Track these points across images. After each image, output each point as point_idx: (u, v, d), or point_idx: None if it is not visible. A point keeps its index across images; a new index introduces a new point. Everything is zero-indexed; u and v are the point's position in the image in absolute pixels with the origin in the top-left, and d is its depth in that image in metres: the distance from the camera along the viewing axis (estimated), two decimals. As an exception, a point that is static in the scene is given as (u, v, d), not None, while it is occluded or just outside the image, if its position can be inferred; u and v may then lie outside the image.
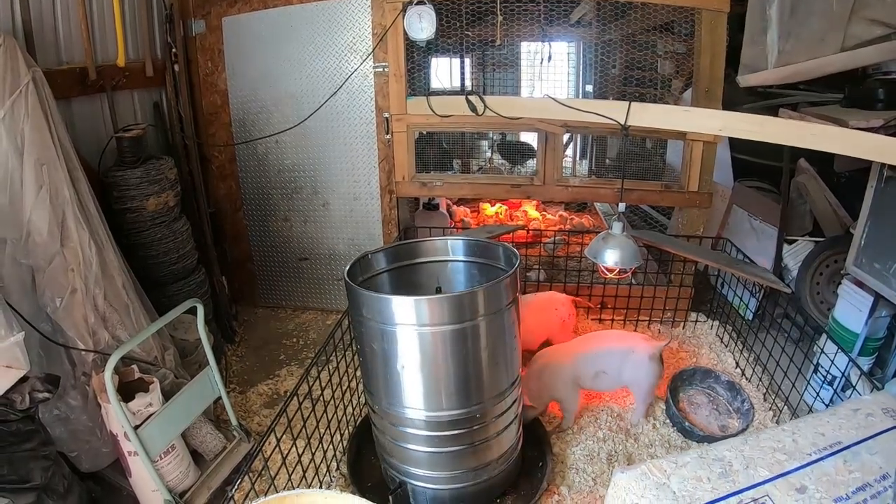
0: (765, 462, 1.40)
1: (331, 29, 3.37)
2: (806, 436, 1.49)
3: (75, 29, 2.79)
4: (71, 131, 2.49)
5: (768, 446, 1.46)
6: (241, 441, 2.56)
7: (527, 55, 5.31)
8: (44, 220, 2.20)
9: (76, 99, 2.83)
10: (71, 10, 2.76)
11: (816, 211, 3.55)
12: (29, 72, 2.21)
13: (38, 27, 2.59)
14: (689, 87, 3.35)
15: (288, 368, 3.33)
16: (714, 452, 1.44)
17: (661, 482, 1.36)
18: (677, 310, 3.55)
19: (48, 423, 2.09)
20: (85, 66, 2.81)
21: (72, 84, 2.76)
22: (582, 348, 2.70)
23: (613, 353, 2.64)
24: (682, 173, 3.34)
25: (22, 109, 2.17)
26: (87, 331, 2.29)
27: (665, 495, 1.33)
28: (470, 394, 2.01)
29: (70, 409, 2.27)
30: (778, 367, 2.77)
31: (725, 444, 1.48)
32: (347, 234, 3.86)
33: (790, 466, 1.38)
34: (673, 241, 3.25)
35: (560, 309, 3.09)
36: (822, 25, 2.56)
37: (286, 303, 4.16)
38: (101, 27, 2.96)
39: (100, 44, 2.96)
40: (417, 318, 1.86)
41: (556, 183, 3.48)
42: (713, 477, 1.36)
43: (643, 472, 1.40)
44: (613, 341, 2.72)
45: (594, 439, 2.59)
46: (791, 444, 1.46)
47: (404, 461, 2.15)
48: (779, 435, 1.50)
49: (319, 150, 3.68)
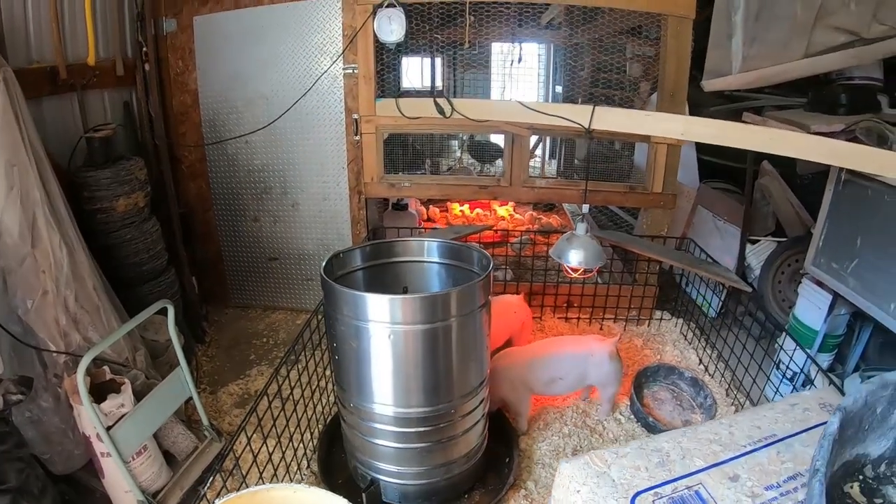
0: (701, 453, 1.48)
1: (301, 30, 3.39)
2: (742, 429, 1.57)
3: (46, 27, 2.76)
4: (41, 131, 2.47)
5: (705, 438, 1.53)
6: (212, 441, 2.58)
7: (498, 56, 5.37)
8: (14, 221, 2.19)
9: (46, 98, 2.81)
10: (42, 8, 2.74)
11: (779, 212, 3.66)
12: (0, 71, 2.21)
13: (8, 26, 2.57)
14: (657, 89, 3.43)
15: (258, 368, 3.35)
16: (653, 444, 1.51)
17: (601, 471, 1.44)
18: (642, 308, 3.63)
19: (20, 426, 2.09)
20: (55, 64, 2.79)
21: (42, 83, 2.75)
22: (535, 354, 2.68)
23: (570, 358, 2.65)
24: (647, 175, 3.42)
25: (-9, 109, 2.16)
26: (59, 332, 2.29)
27: (605, 483, 1.40)
28: (440, 392, 2.06)
29: (42, 412, 2.27)
30: (739, 363, 2.86)
31: (665, 436, 1.55)
32: (317, 234, 3.89)
33: (725, 457, 1.46)
34: (638, 241, 3.33)
35: (518, 311, 3.12)
36: (786, 32, 2.63)
37: (256, 303, 4.16)
38: (71, 25, 2.94)
39: (70, 42, 2.94)
40: (391, 316, 1.90)
41: (523, 184, 3.54)
42: (651, 466, 1.43)
43: (586, 461, 1.47)
44: (568, 346, 2.72)
45: (559, 435, 2.65)
46: (727, 436, 1.54)
47: (374, 457, 2.19)
48: (716, 428, 1.58)
49: (289, 151, 3.70)
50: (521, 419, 2.67)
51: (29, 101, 2.38)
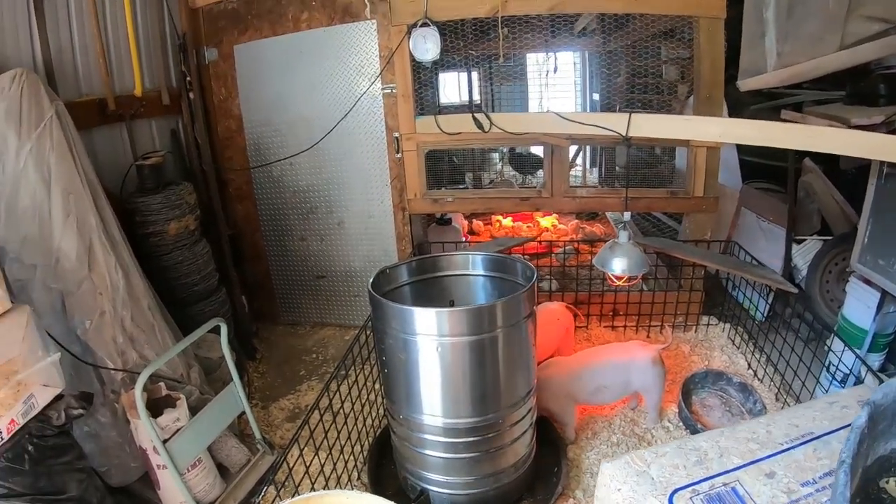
0: (738, 451, 1.48)
1: (339, 53, 3.47)
2: (780, 427, 1.56)
3: (93, 62, 2.92)
4: (93, 160, 2.61)
5: (743, 437, 1.52)
6: (264, 454, 2.64)
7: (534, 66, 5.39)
8: (72, 246, 2.31)
9: (97, 129, 2.96)
10: (88, 44, 2.90)
11: (824, 209, 3.58)
12: (52, 105, 2.33)
13: (57, 62, 2.72)
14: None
15: (308, 383, 3.41)
16: (692, 443, 1.51)
17: (641, 470, 1.45)
18: (689, 314, 3.58)
19: (80, 439, 2.18)
20: (104, 96, 2.94)
21: (92, 114, 2.89)
22: (579, 364, 2.68)
23: (614, 366, 2.64)
24: (687, 179, 3.39)
25: (47, 142, 2.29)
26: (116, 351, 2.39)
27: (644, 481, 1.41)
28: (487, 402, 2.08)
29: (100, 426, 2.37)
30: (788, 367, 2.80)
31: (703, 436, 1.55)
32: (363, 251, 3.95)
33: (762, 454, 1.45)
34: (681, 247, 3.29)
35: (562, 318, 3.12)
36: (819, 25, 2.58)
37: (305, 320, 4.24)
38: (117, 59, 3.10)
39: (117, 75, 3.09)
40: (438, 328, 1.94)
41: (564, 194, 3.55)
42: (689, 465, 1.43)
43: (626, 461, 1.49)
44: (612, 354, 2.70)
45: (608, 444, 2.64)
46: (765, 434, 1.53)
47: (423, 468, 2.22)
48: (754, 426, 1.57)
49: (333, 171, 3.78)
50: (567, 429, 2.66)
51: (80, 132, 2.52)
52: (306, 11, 3.44)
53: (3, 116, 2.19)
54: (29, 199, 2.24)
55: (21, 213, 2.24)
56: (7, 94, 2.20)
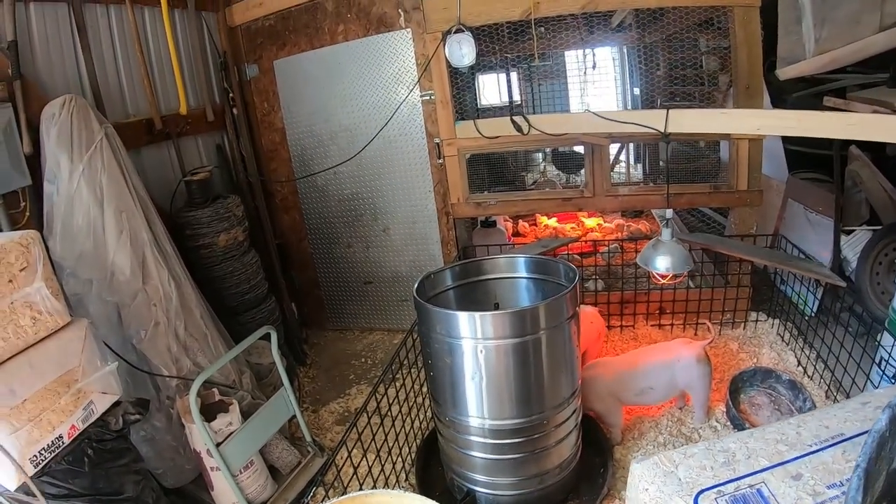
0: (766, 452, 1.46)
1: (376, 63, 3.53)
2: (810, 428, 1.53)
3: (138, 84, 3.05)
4: (143, 177, 2.73)
5: (772, 438, 1.50)
6: (314, 456, 2.72)
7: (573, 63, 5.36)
8: (126, 261, 2.43)
9: (145, 148, 3.10)
10: (133, 67, 3.04)
11: (872, 198, 3.45)
12: (101, 128, 2.45)
13: (104, 85, 2.85)
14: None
15: (358, 387, 3.48)
16: (720, 445, 1.51)
17: (669, 470, 1.45)
18: (736, 310, 3.51)
19: (137, 443, 2.28)
20: (150, 117, 3.07)
21: (140, 134, 3.02)
22: (624, 366, 2.66)
23: (659, 367, 2.62)
24: (730, 173, 3.34)
25: (98, 163, 2.41)
26: (171, 359, 2.51)
27: (671, 481, 1.42)
28: (531, 403, 2.10)
29: (155, 430, 2.48)
30: (838, 363, 2.72)
31: (732, 437, 1.54)
32: (409, 256, 4.00)
33: (789, 456, 1.43)
34: (726, 242, 3.24)
35: (594, 322, 3.12)
36: (856, 7, 2.52)
37: (354, 325, 4.32)
38: (161, 80, 3.22)
39: (162, 95, 3.22)
40: (482, 332, 1.98)
41: (606, 193, 3.53)
42: (716, 466, 1.43)
43: (655, 462, 1.49)
44: (656, 355, 2.68)
45: (654, 444, 2.62)
46: (794, 436, 1.50)
47: (469, 469, 2.25)
48: (784, 428, 1.54)
49: (376, 179, 3.84)
50: (614, 430, 2.65)
51: (130, 152, 2.65)
52: (342, 24, 3.51)
53: (56, 141, 2.31)
54: (83, 217, 2.36)
55: (76, 232, 2.36)
56: (58, 120, 2.32)
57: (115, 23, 2.95)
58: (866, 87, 3.02)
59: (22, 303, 1.68)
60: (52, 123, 2.33)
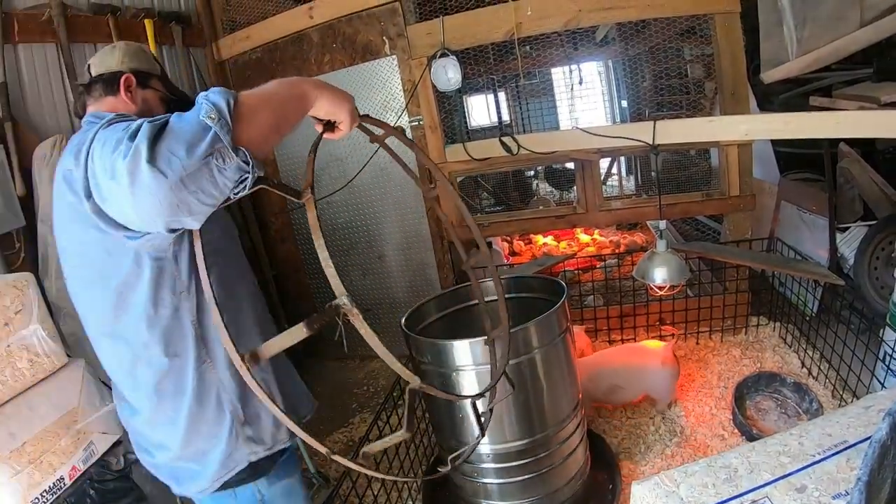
0: (768, 466, 1.44)
1: (364, 91, 3.57)
2: (813, 438, 1.50)
3: (130, 121, 3.05)
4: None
5: (774, 451, 1.48)
6: (320, 487, 2.69)
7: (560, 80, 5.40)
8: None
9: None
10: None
11: (864, 194, 3.46)
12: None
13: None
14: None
15: (360, 416, 3.46)
16: (722, 460, 1.48)
17: (670, 490, 1.43)
18: (737, 316, 3.49)
19: (139, 482, 2.27)
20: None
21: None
22: (595, 366, 2.76)
23: (629, 368, 2.74)
24: (721, 179, 3.35)
25: (92, 203, 2.41)
26: (170, 396, 2.48)
27: (673, 501, 1.40)
28: (533, 423, 2.09)
29: (157, 467, 2.46)
30: (842, 361, 2.72)
31: (734, 452, 1.51)
32: (405, 282, 4.00)
33: (792, 468, 1.41)
34: (722, 249, 3.25)
35: (578, 341, 3.12)
36: (836, 4, 2.54)
37: (354, 353, 4.29)
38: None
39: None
40: (474, 358, 1.96)
41: (599, 208, 3.54)
42: (718, 483, 1.41)
43: (656, 482, 1.47)
44: (626, 356, 2.82)
45: (662, 457, 2.60)
46: (797, 446, 1.48)
47: (477, 494, 2.23)
48: (786, 439, 1.52)
49: (369, 206, 3.86)
50: None
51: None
52: (328, 54, 3.55)
53: (48, 181, 2.32)
54: (78, 255, 2.36)
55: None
56: (50, 160, 2.34)
57: (104, 62, 2.97)
58: (852, 84, 3.04)
59: (19, 345, 1.68)
60: (43, 164, 2.35)
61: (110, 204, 1.11)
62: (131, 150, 0.99)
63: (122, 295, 1.30)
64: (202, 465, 1.46)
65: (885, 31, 2.54)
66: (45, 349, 1.76)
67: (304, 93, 1.31)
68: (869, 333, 2.73)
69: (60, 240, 1.39)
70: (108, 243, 1.23)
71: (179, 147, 1.00)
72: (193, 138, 1.01)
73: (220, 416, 1.44)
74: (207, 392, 1.42)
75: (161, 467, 1.54)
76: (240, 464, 1.47)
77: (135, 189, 1.00)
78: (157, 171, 0.98)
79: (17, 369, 1.67)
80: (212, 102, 1.04)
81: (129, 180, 1.00)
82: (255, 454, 1.49)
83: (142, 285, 1.29)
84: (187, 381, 1.39)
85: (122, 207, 1.09)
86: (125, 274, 1.28)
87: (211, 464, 1.45)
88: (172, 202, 1.02)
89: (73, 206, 1.22)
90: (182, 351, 1.38)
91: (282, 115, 1.24)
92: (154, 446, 1.51)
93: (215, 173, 1.03)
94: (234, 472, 1.47)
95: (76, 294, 1.41)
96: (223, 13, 3.80)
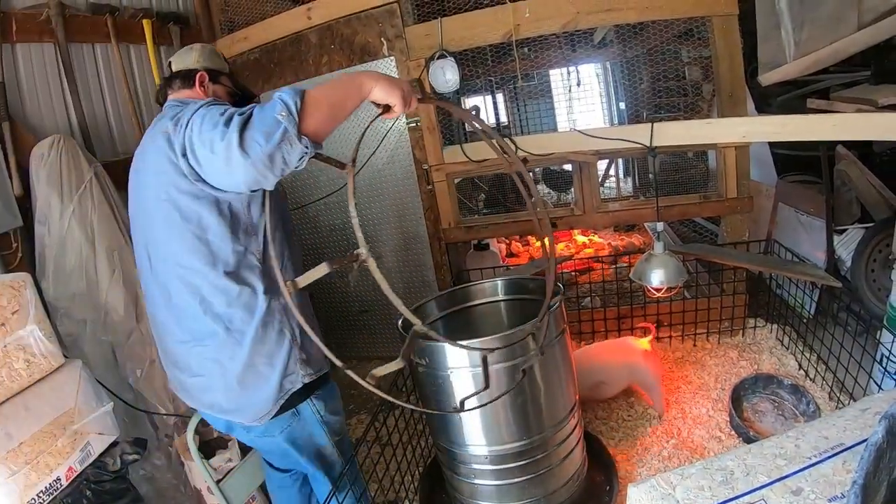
0: (765, 468, 1.43)
1: (362, 91, 3.53)
2: (809, 440, 1.50)
3: (127, 122, 3.08)
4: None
5: (770, 453, 1.48)
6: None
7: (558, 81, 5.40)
8: (119, 300, 2.43)
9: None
10: (121, 106, 3.07)
11: (862, 196, 3.47)
12: (90, 168, 2.47)
13: (92, 124, 2.87)
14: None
15: (358, 417, 3.45)
16: (718, 463, 1.48)
17: (666, 493, 1.43)
18: (734, 318, 3.50)
19: (136, 483, 2.27)
20: (139, 154, 3.07)
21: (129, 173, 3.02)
22: (579, 362, 2.70)
23: (611, 364, 2.79)
24: (719, 181, 3.35)
25: (89, 202, 2.42)
26: (167, 396, 2.49)
27: None
28: (530, 425, 2.08)
29: (155, 469, 2.47)
30: (839, 363, 2.71)
31: (730, 455, 1.51)
32: (403, 283, 3.99)
33: (788, 471, 1.40)
34: (719, 251, 3.25)
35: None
36: (834, 6, 2.54)
37: (351, 354, 4.28)
38: (150, 117, 3.22)
39: (149, 134, 3.23)
40: (470, 360, 1.95)
41: (597, 210, 3.53)
42: (714, 485, 1.40)
43: (652, 485, 1.46)
44: (608, 353, 2.86)
45: (659, 458, 2.60)
46: (793, 449, 1.48)
47: (474, 496, 2.22)
48: (782, 442, 1.52)
49: (367, 207, 3.85)
50: None
51: (120, 191, 2.64)
52: (325, 55, 3.55)
53: (46, 182, 2.33)
54: (75, 257, 2.37)
55: (69, 272, 2.37)
56: (47, 161, 2.34)
57: (102, 61, 2.99)
58: (850, 86, 3.04)
59: (15, 346, 1.68)
60: (41, 164, 2.35)
61: (206, 169, 1.50)
62: (226, 135, 1.37)
63: (203, 234, 1.63)
64: (262, 390, 1.78)
65: (884, 34, 2.54)
66: (41, 350, 1.76)
67: (360, 84, 1.60)
68: (866, 336, 2.73)
69: (146, 189, 1.70)
70: (195, 190, 1.57)
71: (260, 136, 1.37)
72: (270, 129, 1.37)
73: (280, 339, 1.80)
74: (271, 317, 1.76)
75: (218, 405, 1.82)
76: (296, 384, 1.83)
77: (229, 165, 1.40)
78: (244, 154, 1.37)
79: (14, 370, 1.67)
80: (283, 102, 1.39)
81: (225, 157, 1.39)
82: (309, 376, 1.86)
83: (220, 227, 1.63)
84: (255, 305, 1.73)
85: (217, 174, 1.49)
86: (206, 216, 1.61)
87: (271, 386, 1.79)
88: (255, 175, 1.42)
89: (171, 159, 1.56)
90: (251, 281, 1.72)
91: (340, 106, 1.56)
92: (217, 375, 1.77)
93: (285, 155, 1.42)
94: (289, 393, 1.82)
95: (155, 239, 1.70)
96: (221, 14, 3.81)
